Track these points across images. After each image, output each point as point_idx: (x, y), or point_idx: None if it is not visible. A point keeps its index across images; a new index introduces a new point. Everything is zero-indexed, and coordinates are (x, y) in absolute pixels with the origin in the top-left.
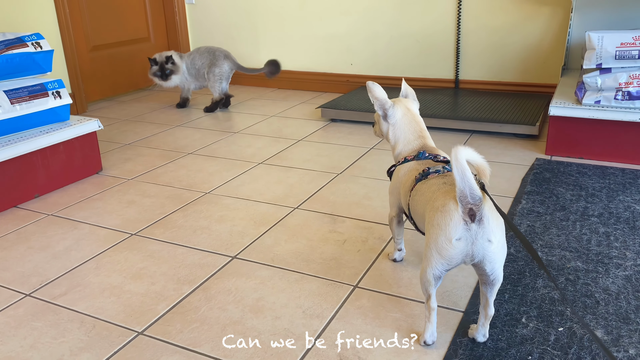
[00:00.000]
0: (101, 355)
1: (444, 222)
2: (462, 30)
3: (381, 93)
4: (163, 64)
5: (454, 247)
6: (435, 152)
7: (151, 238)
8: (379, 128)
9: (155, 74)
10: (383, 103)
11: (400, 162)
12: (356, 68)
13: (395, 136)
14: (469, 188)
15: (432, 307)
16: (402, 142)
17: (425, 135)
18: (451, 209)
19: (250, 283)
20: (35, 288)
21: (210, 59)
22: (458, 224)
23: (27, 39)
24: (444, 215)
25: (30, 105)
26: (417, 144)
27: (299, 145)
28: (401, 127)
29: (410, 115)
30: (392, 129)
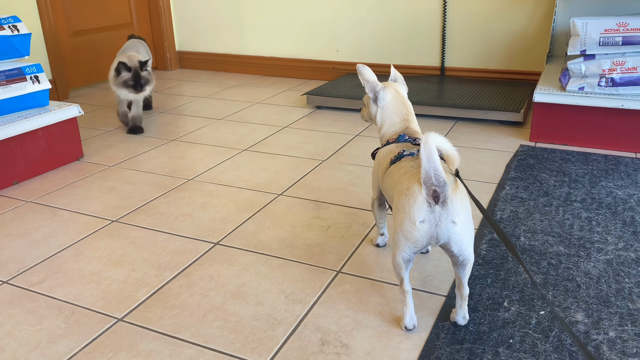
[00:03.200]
0: (79, 342)
1: (408, 204)
2: (447, 17)
3: (372, 75)
4: (138, 70)
5: (418, 230)
6: (415, 135)
7: (132, 225)
8: (368, 111)
9: (127, 83)
10: (374, 85)
11: (383, 145)
12: (342, 55)
13: (382, 118)
14: (433, 170)
15: (406, 289)
16: (387, 124)
17: (410, 119)
18: (415, 192)
19: (233, 269)
20: (13, 275)
21: (146, 50)
22: (422, 207)
23: (4, 21)
24: (408, 198)
25: (7, 90)
26: (400, 127)
27: (284, 132)
28: (389, 109)
29: (399, 98)
30: (381, 111)
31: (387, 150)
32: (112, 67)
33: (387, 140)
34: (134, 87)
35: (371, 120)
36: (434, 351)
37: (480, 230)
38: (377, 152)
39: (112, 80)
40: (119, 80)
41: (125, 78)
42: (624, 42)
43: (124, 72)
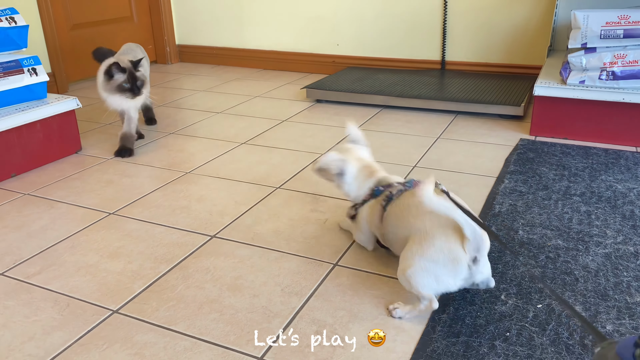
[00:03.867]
0: (74, 334)
1: (452, 266)
2: (448, 10)
3: (333, 162)
4: (133, 71)
5: (455, 285)
6: (388, 182)
7: (129, 217)
8: (329, 177)
9: (122, 87)
10: (339, 165)
11: (360, 205)
12: (342, 49)
13: (349, 189)
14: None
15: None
16: (355, 190)
17: (375, 170)
18: (460, 258)
19: (229, 262)
20: (9, 267)
21: (146, 56)
22: (464, 270)
23: (1, 13)
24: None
25: (4, 82)
26: (370, 183)
27: (283, 125)
28: (355, 179)
29: (360, 165)
30: (347, 185)
31: (367, 207)
32: (100, 72)
33: (363, 199)
34: (131, 90)
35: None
36: (430, 344)
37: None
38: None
39: (102, 86)
40: (112, 85)
41: (120, 81)
42: (626, 35)
43: (118, 74)
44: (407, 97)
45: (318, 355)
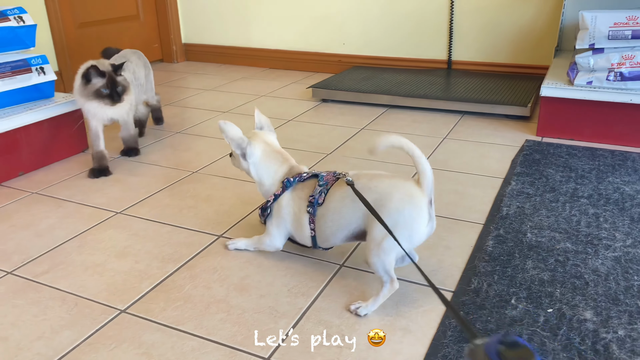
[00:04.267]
0: (82, 333)
1: (415, 212)
2: (455, 10)
3: (235, 132)
4: (113, 75)
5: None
6: (298, 171)
7: (136, 217)
8: (238, 165)
9: (100, 92)
10: (239, 143)
11: (272, 201)
12: (348, 48)
13: (259, 173)
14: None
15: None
16: (267, 176)
17: (287, 158)
18: (422, 200)
19: (236, 262)
20: (17, 266)
21: (143, 63)
22: (426, 211)
23: (9, 12)
24: (413, 206)
25: (13, 81)
26: (282, 170)
27: (289, 125)
28: (263, 162)
29: (269, 148)
30: (254, 167)
31: (286, 201)
32: (78, 75)
33: (274, 194)
34: (110, 96)
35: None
36: (441, 349)
37: (487, 227)
38: (272, 206)
39: (79, 91)
40: (90, 90)
41: (97, 85)
42: (634, 35)
43: (96, 78)
44: (413, 97)
45: (325, 355)
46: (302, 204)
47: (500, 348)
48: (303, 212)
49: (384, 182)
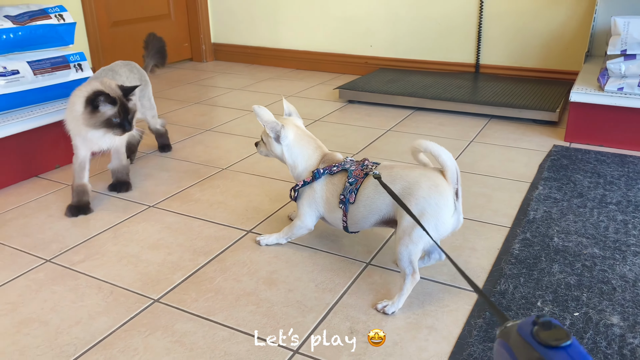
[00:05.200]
0: (118, 320)
1: (442, 200)
2: (484, 13)
3: (270, 115)
4: (125, 102)
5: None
6: (332, 158)
7: (168, 210)
8: (270, 149)
9: (111, 122)
10: (274, 125)
11: (302, 185)
12: (375, 50)
13: (293, 156)
14: (457, 170)
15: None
16: (302, 160)
17: (321, 145)
18: (448, 190)
19: (264, 257)
20: (55, 254)
21: (138, 77)
22: (452, 201)
23: (51, 11)
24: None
25: (52, 77)
26: (316, 155)
27: (315, 125)
28: (297, 145)
29: (301, 132)
30: (288, 150)
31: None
32: (77, 100)
33: (304, 180)
34: (121, 125)
35: (272, 156)
36: (466, 348)
37: (513, 230)
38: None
39: (83, 118)
40: (98, 119)
41: (108, 114)
42: None
43: (105, 106)
44: (440, 100)
45: (351, 350)
46: (335, 195)
47: (534, 329)
48: (335, 203)
49: (414, 172)
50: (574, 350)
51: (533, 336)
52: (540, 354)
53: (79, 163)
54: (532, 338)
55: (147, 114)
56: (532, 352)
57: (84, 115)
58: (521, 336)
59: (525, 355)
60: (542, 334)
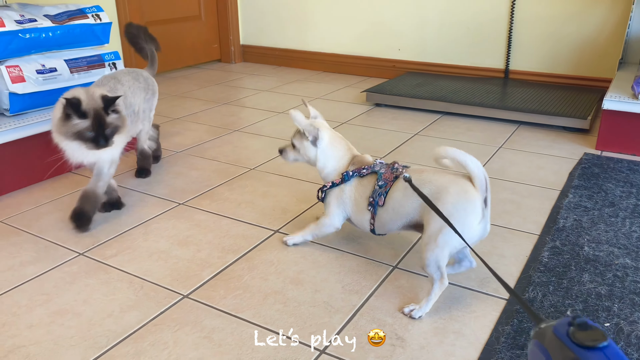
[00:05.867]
0: (148, 314)
1: (470, 207)
2: (515, 19)
3: (305, 120)
4: (101, 115)
5: (477, 229)
6: (361, 160)
7: (198, 208)
8: (304, 152)
9: (83, 135)
10: (311, 129)
11: (330, 186)
12: (403, 54)
13: (326, 157)
14: (486, 179)
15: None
16: (334, 162)
17: (351, 147)
18: (476, 196)
19: (291, 256)
20: (88, 248)
21: (144, 86)
22: (480, 208)
23: (88, 10)
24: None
25: (88, 75)
26: (348, 157)
27: (342, 128)
28: (331, 147)
29: (334, 134)
30: (322, 152)
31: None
32: (57, 104)
33: (332, 182)
34: (94, 140)
35: (301, 160)
36: (494, 354)
37: (542, 238)
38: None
39: (56, 126)
40: (68, 129)
41: (79, 127)
42: None
43: (76, 120)
44: (469, 105)
45: (378, 352)
46: (364, 197)
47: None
48: (364, 205)
49: (444, 177)
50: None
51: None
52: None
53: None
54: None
55: (144, 125)
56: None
57: (58, 122)
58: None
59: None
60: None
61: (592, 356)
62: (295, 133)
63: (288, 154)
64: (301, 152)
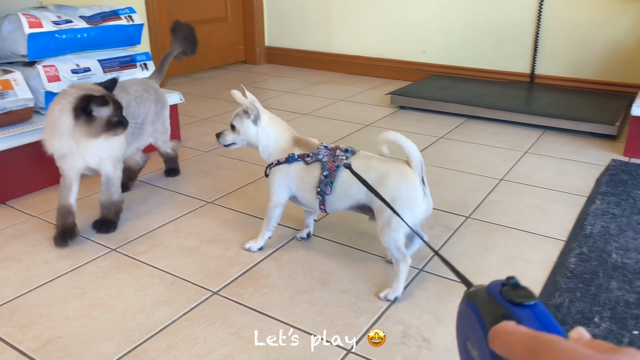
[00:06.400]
0: (179, 310)
1: (411, 187)
2: (542, 23)
3: (253, 107)
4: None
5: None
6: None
7: (226, 207)
8: (245, 132)
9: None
10: (253, 107)
11: (276, 163)
12: (428, 56)
13: (267, 136)
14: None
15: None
16: (274, 139)
17: (289, 127)
18: (415, 178)
19: (318, 257)
20: (120, 244)
21: (154, 98)
22: (421, 189)
23: (121, 12)
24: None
25: (120, 75)
26: (288, 135)
27: (366, 130)
28: (270, 126)
29: (271, 114)
30: (263, 131)
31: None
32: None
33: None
34: (121, 122)
35: (240, 143)
36: None
37: (569, 244)
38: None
39: (80, 132)
40: (98, 126)
41: (106, 114)
42: None
43: (100, 109)
44: (494, 109)
45: (405, 353)
46: (310, 184)
47: (503, 289)
48: (312, 191)
49: (386, 164)
50: (539, 309)
51: (501, 295)
52: (507, 310)
53: (66, 183)
54: (500, 296)
55: (158, 138)
56: (500, 308)
57: (80, 128)
58: (490, 294)
59: (491, 312)
60: (511, 292)
61: (521, 312)
62: (234, 116)
63: (226, 137)
64: (241, 133)
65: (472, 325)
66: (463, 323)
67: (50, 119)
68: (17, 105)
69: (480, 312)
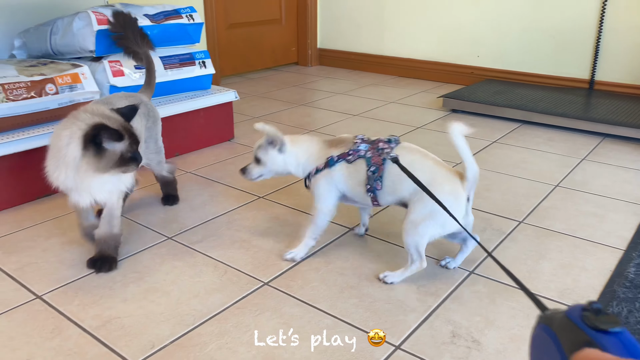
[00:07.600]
0: (231, 298)
1: (456, 205)
2: (604, 28)
3: (277, 137)
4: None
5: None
6: (344, 140)
7: (276, 202)
8: (272, 163)
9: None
10: (279, 136)
11: (315, 172)
12: (482, 60)
13: (295, 155)
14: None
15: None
16: (303, 151)
17: (312, 136)
18: (462, 196)
19: (367, 255)
20: (176, 233)
21: (145, 112)
22: (464, 205)
23: (183, 11)
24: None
25: (179, 72)
26: (315, 143)
27: (417, 132)
28: (295, 144)
29: (289, 135)
30: (289, 154)
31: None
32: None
33: (316, 167)
34: (134, 158)
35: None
36: None
37: (628, 253)
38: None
39: (88, 164)
40: (109, 160)
41: (120, 150)
42: None
43: (114, 144)
44: (550, 115)
45: (453, 352)
46: (357, 180)
47: (584, 314)
48: (359, 180)
49: (438, 169)
50: (625, 337)
51: (583, 320)
52: (590, 337)
53: (79, 210)
54: (581, 321)
55: (151, 159)
56: (582, 335)
57: (87, 160)
58: (569, 319)
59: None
60: (593, 318)
61: (606, 339)
62: (257, 148)
63: (252, 171)
64: (268, 164)
65: (548, 350)
66: (538, 348)
67: (55, 146)
68: (84, 97)
69: (558, 338)
